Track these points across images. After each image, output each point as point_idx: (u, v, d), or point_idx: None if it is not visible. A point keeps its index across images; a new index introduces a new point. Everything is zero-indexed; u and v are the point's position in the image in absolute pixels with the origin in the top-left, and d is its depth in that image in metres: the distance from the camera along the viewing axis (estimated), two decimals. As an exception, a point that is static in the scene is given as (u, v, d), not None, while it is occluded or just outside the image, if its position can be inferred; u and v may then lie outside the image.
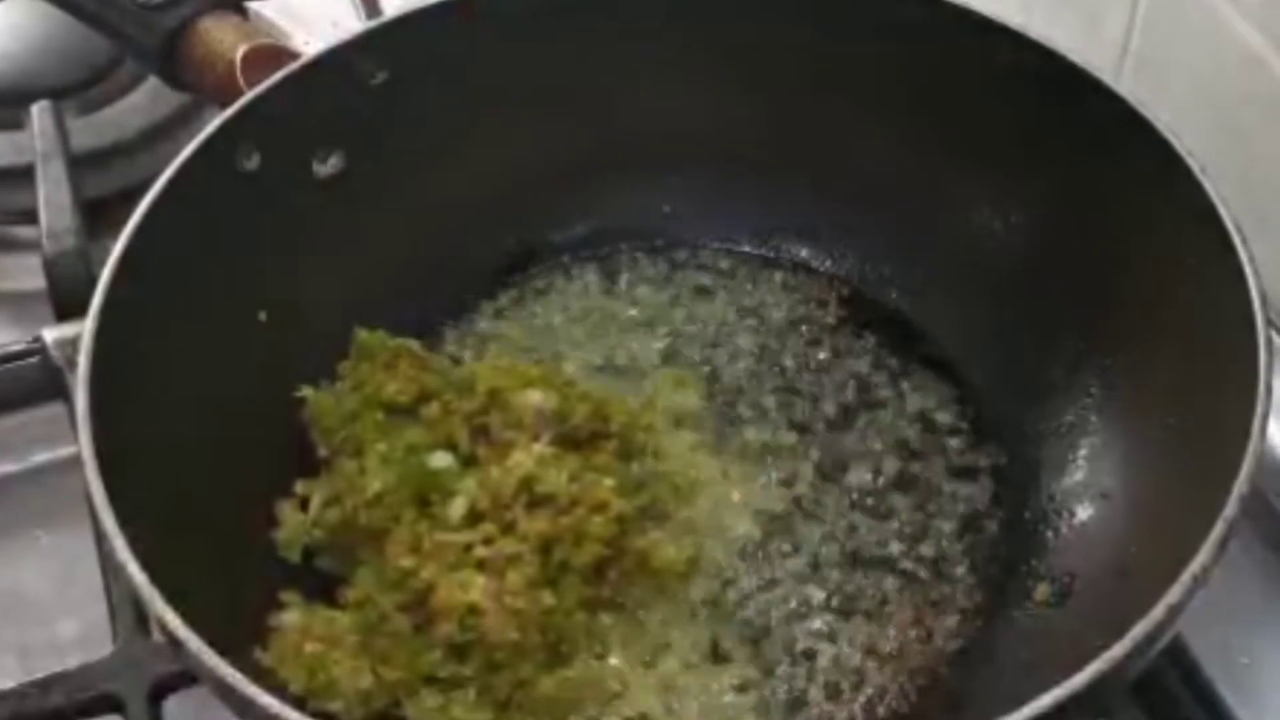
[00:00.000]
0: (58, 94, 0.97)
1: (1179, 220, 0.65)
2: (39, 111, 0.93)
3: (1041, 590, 0.66)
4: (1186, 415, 0.64)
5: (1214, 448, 0.58)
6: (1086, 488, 0.68)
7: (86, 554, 0.73)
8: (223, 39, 0.82)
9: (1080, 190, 0.71)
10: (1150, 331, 0.68)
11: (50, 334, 0.79)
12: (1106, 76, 0.68)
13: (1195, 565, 0.53)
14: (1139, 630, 0.52)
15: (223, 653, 0.53)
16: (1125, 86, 0.68)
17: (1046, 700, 0.50)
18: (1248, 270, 0.60)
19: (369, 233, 0.76)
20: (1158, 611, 0.52)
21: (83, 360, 0.61)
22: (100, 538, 0.72)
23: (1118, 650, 0.52)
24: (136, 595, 0.56)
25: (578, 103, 0.80)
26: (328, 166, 0.75)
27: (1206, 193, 0.63)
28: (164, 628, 0.55)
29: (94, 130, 0.97)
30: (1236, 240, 0.61)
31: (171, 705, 0.69)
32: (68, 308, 0.81)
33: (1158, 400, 0.66)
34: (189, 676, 0.66)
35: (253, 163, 0.71)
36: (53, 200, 0.88)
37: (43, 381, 0.79)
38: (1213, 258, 0.62)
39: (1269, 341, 0.59)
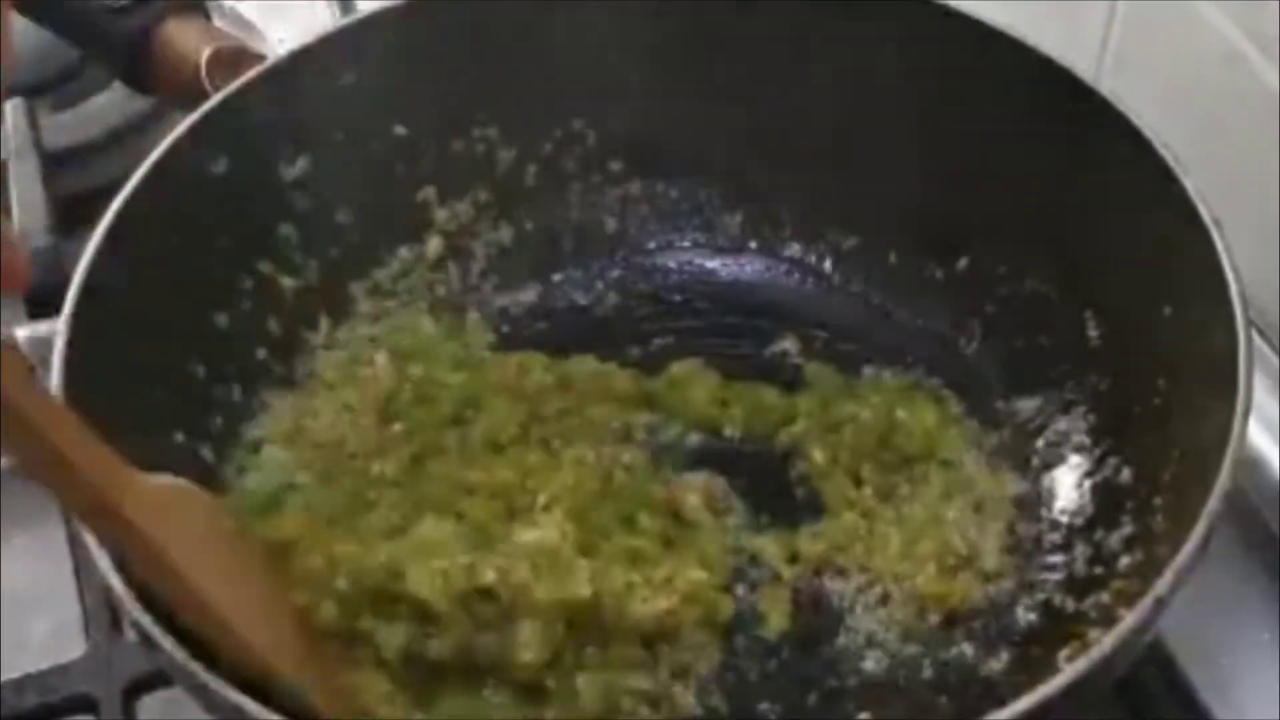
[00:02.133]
0: (30, 91, 0.96)
1: (1158, 221, 0.65)
2: (11, 109, 0.93)
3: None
4: (1168, 413, 0.64)
5: (1196, 446, 0.58)
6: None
7: (61, 555, 0.73)
8: (187, 42, 0.82)
9: (1059, 190, 0.71)
10: (1132, 332, 0.68)
11: (22, 332, 0.78)
12: (1086, 74, 0.68)
13: (1179, 559, 0.53)
14: (1127, 624, 0.52)
15: (195, 653, 0.53)
16: (1105, 84, 0.68)
17: (1030, 700, 0.50)
18: (1229, 273, 0.60)
19: (337, 234, 0.76)
20: (1145, 604, 0.52)
21: (56, 360, 0.60)
22: (74, 539, 0.71)
23: (1105, 645, 0.51)
24: (110, 596, 0.55)
25: (546, 106, 0.79)
26: (295, 169, 0.74)
27: (1187, 192, 0.63)
28: (137, 628, 0.54)
29: (66, 128, 0.97)
30: (1217, 242, 0.61)
31: (145, 705, 0.69)
32: (40, 306, 0.80)
33: (1140, 399, 0.66)
34: (162, 677, 0.65)
35: (220, 166, 0.71)
36: (25, 198, 0.88)
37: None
38: (1193, 259, 0.62)
39: (1249, 341, 0.58)
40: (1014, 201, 0.73)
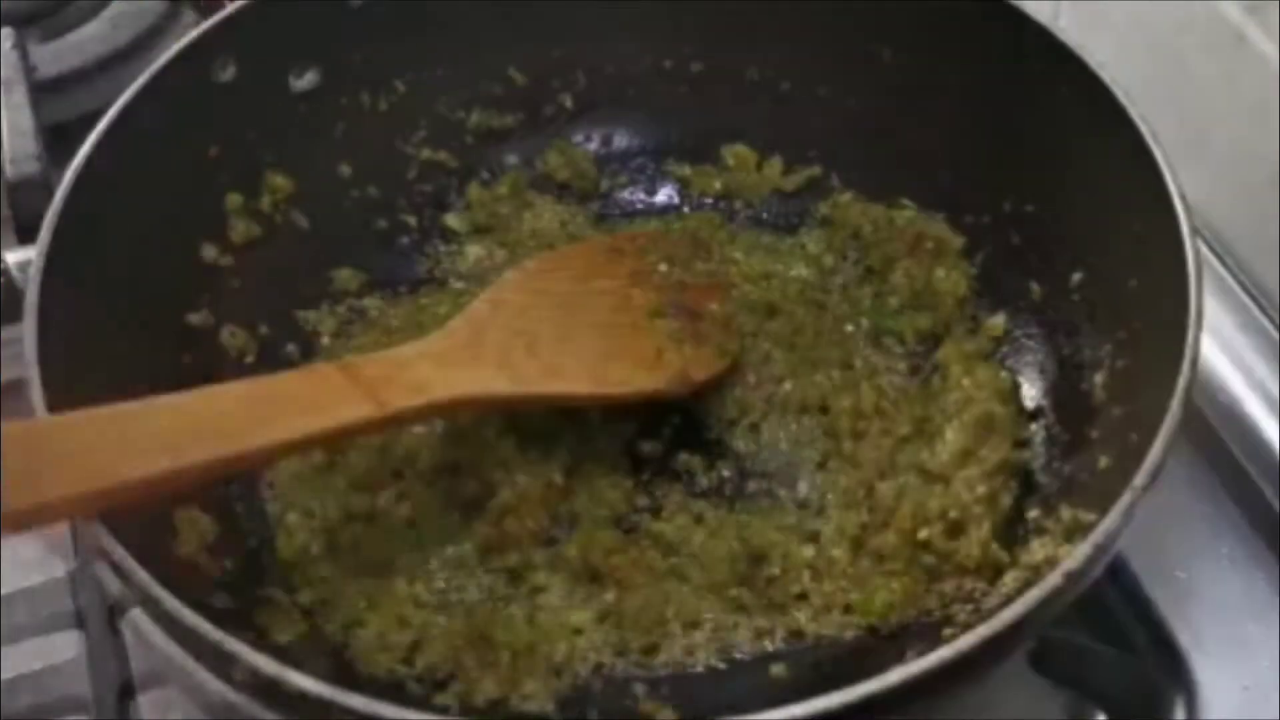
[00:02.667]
0: (21, 21, 0.97)
1: (1110, 152, 0.66)
2: (2, 38, 0.93)
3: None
4: (1124, 342, 0.66)
5: (1155, 368, 0.59)
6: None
7: (57, 556, 0.72)
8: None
9: (1014, 120, 0.73)
10: (1091, 262, 0.70)
11: (11, 256, 0.78)
12: (1045, 8, 0.69)
13: (1142, 473, 0.55)
14: (1101, 530, 0.54)
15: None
16: (1065, 17, 0.68)
17: (1017, 609, 0.52)
18: (1171, 187, 0.62)
19: (341, 148, 0.78)
20: (1114, 514, 0.54)
21: (33, 274, 0.62)
22: (69, 538, 0.72)
23: (1077, 555, 0.53)
24: (105, 596, 0.55)
25: (554, 30, 0.81)
26: (304, 81, 0.76)
27: (1134, 122, 0.64)
28: (130, 627, 0.55)
29: (57, 57, 0.97)
30: (1166, 174, 0.62)
31: (138, 705, 0.68)
32: (29, 231, 0.80)
33: (1099, 326, 0.68)
34: (156, 676, 0.66)
35: (228, 74, 0.72)
36: (15, 126, 0.89)
37: (6, 303, 0.76)
38: (1144, 188, 0.63)
39: (1199, 266, 0.60)
40: (968, 137, 0.75)
